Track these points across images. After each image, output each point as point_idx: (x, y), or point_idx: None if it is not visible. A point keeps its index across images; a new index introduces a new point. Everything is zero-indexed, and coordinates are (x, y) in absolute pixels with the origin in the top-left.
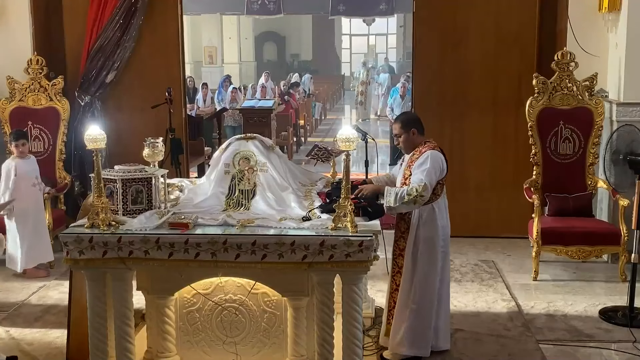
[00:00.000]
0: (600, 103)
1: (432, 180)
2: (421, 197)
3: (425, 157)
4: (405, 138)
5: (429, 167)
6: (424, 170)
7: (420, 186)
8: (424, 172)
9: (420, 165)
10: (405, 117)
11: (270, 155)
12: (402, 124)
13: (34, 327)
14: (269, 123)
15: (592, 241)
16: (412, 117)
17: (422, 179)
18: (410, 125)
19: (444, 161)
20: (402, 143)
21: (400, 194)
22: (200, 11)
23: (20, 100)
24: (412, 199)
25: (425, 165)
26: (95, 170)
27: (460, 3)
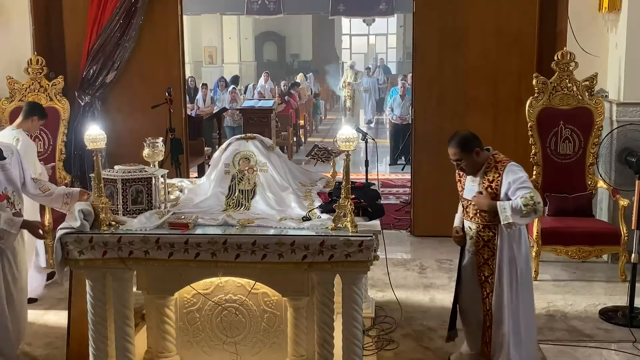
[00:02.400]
0: (600, 103)
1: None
2: (539, 203)
3: (513, 170)
4: (470, 161)
5: (523, 176)
6: (522, 181)
7: (532, 193)
8: (524, 183)
9: (516, 179)
10: (462, 138)
11: (270, 155)
12: (462, 147)
13: (34, 327)
14: (269, 123)
15: (592, 241)
16: (469, 136)
17: (527, 188)
18: (471, 145)
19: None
20: (467, 168)
21: (515, 207)
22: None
23: (20, 100)
24: (531, 207)
25: (520, 178)
26: (95, 170)
27: (460, 3)
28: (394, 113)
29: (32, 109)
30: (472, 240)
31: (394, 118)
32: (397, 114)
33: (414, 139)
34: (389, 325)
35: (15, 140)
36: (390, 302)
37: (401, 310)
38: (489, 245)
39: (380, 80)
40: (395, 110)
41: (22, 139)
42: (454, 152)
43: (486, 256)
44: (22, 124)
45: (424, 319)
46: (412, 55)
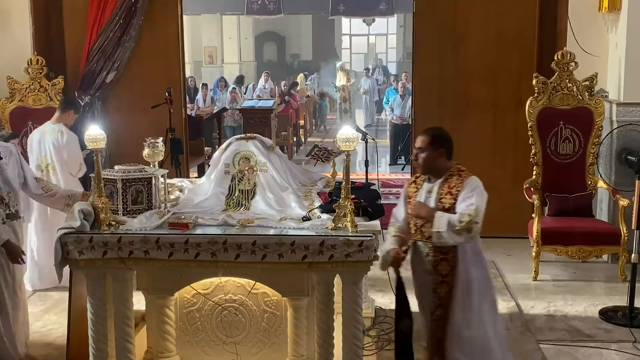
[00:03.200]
0: (600, 103)
1: (483, 206)
2: (475, 223)
3: (474, 183)
4: (429, 156)
5: (478, 193)
6: (478, 192)
7: (473, 210)
8: (474, 197)
9: (471, 191)
10: (438, 132)
11: (270, 155)
12: (433, 139)
13: (34, 327)
14: (269, 123)
15: (592, 241)
16: (446, 136)
17: (473, 203)
18: (442, 144)
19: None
20: (423, 160)
21: (451, 220)
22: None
23: (20, 100)
24: (465, 226)
25: (475, 192)
26: (95, 170)
27: (460, 3)
28: (394, 113)
29: (67, 103)
30: (429, 258)
31: (394, 118)
32: (397, 114)
33: (414, 139)
34: (389, 325)
35: (60, 133)
36: (390, 302)
37: None
38: (448, 259)
39: (379, 81)
40: (396, 110)
41: (65, 132)
42: (422, 140)
43: (444, 273)
44: (60, 118)
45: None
46: (412, 55)
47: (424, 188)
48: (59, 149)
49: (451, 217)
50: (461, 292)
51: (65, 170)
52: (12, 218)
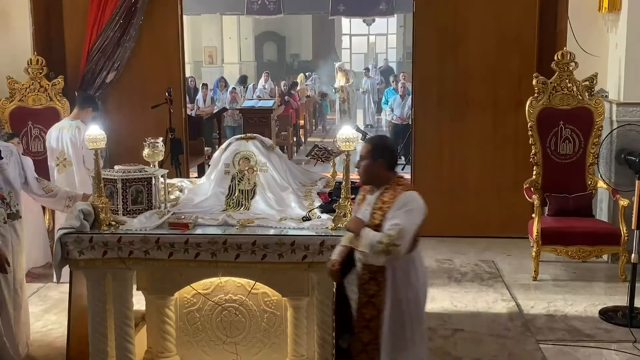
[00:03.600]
0: (600, 103)
1: (411, 227)
2: (394, 246)
3: (404, 200)
4: (368, 165)
5: (407, 211)
6: (400, 215)
7: (395, 231)
8: (402, 216)
9: (399, 209)
10: (379, 141)
11: (270, 155)
12: (372, 148)
13: (34, 327)
14: (269, 123)
15: (592, 241)
16: (387, 146)
17: (398, 223)
18: (381, 153)
19: (423, 203)
20: (362, 169)
21: (372, 239)
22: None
23: (20, 100)
24: (383, 248)
25: (403, 210)
26: (95, 170)
27: (460, 3)
28: (394, 113)
29: (85, 100)
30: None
31: (394, 118)
32: (397, 114)
33: (414, 139)
34: None
35: (77, 129)
36: None
37: None
38: (376, 278)
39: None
40: (395, 110)
41: (83, 128)
42: (363, 148)
43: (370, 293)
44: (78, 114)
45: None
46: (412, 55)
47: (367, 199)
48: (76, 145)
49: (374, 237)
50: (390, 317)
51: (82, 166)
52: (13, 218)
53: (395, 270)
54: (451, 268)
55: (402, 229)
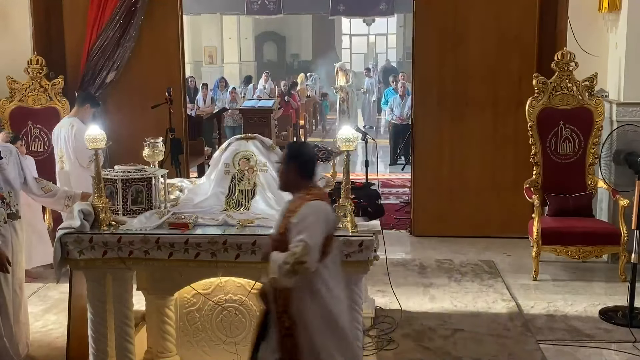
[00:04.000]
0: (600, 103)
1: (315, 240)
2: (301, 264)
3: (306, 211)
4: (282, 170)
5: (309, 225)
6: (302, 228)
7: (299, 248)
8: (304, 231)
9: (298, 223)
10: (295, 146)
11: (270, 155)
12: (287, 153)
13: (34, 327)
14: (269, 123)
15: (592, 241)
16: (302, 152)
17: (302, 239)
18: (294, 158)
19: (331, 213)
20: (278, 174)
21: (280, 264)
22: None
23: (20, 100)
24: (290, 268)
25: (305, 222)
26: (95, 170)
27: (460, 3)
28: (394, 113)
29: (84, 98)
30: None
31: (394, 118)
32: (397, 114)
33: (414, 139)
34: (389, 325)
35: (71, 126)
36: (390, 302)
37: (401, 310)
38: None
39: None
40: (395, 110)
41: (76, 125)
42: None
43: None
44: (77, 112)
45: (424, 319)
46: (412, 55)
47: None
48: (68, 141)
49: (279, 259)
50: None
51: (77, 163)
52: (13, 218)
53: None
54: (451, 268)
55: (306, 245)
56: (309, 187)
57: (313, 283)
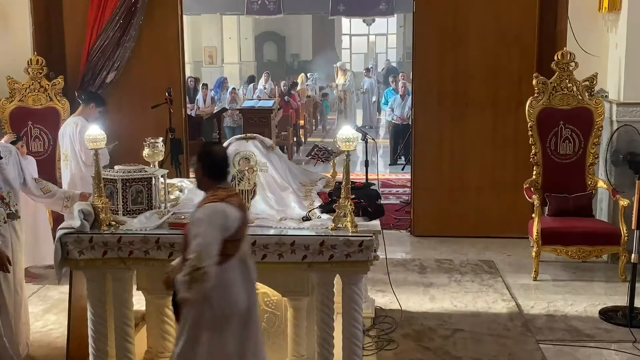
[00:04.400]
0: (600, 103)
1: (209, 245)
2: (198, 270)
3: (199, 215)
4: (195, 172)
5: (202, 229)
6: (196, 233)
7: (194, 255)
8: (197, 236)
9: (193, 227)
10: (203, 148)
11: (270, 155)
12: (197, 155)
13: (34, 327)
14: (269, 123)
15: (592, 241)
16: (208, 152)
17: (195, 247)
18: (201, 160)
19: (231, 215)
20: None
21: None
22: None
23: (20, 100)
24: (190, 278)
25: (198, 226)
26: (95, 170)
27: (460, 3)
28: (395, 113)
29: (89, 97)
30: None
31: (394, 118)
32: (397, 114)
33: (414, 139)
34: (389, 325)
35: (75, 125)
36: (390, 302)
37: (401, 310)
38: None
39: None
40: (396, 110)
41: (80, 123)
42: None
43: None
44: (82, 111)
45: (424, 319)
46: (412, 55)
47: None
48: (74, 140)
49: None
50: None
51: (80, 162)
52: (13, 218)
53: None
54: (451, 268)
55: (200, 252)
56: (216, 188)
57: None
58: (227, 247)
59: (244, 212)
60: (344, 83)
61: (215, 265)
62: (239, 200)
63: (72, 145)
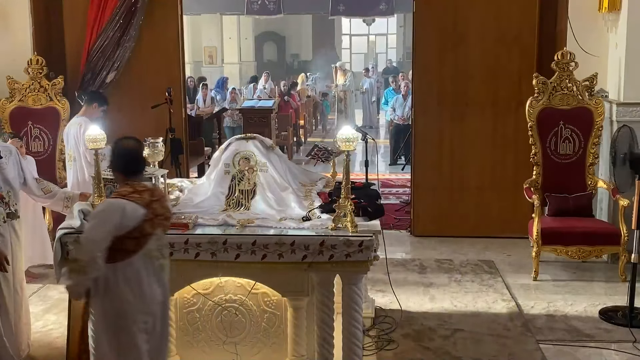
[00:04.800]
0: (600, 103)
1: (93, 240)
2: (76, 262)
3: (97, 209)
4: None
5: (91, 224)
6: (88, 226)
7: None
8: (87, 229)
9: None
10: (114, 144)
11: (270, 155)
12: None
13: (34, 327)
14: (269, 123)
15: (592, 241)
16: (118, 147)
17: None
18: (113, 158)
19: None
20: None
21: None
22: (200, 11)
23: (20, 100)
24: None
25: (92, 219)
26: (95, 170)
27: (460, 3)
28: (396, 113)
29: (91, 97)
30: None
31: (396, 118)
32: (398, 114)
33: (414, 139)
34: (389, 325)
35: (79, 126)
36: (390, 302)
37: (401, 310)
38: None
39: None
40: (397, 110)
41: (84, 124)
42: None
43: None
44: (85, 111)
45: (424, 319)
46: (412, 55)
47: None
48: (78, 141)
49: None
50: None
51: (85, 163)
52: (12, 217)
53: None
54: (451, 268)
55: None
56: (124, 184)
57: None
58: (126, 244)
59: (149, 209)
60: (344, 83)
61: (98, 260)
62: (146, 198)
63: (77, 146)
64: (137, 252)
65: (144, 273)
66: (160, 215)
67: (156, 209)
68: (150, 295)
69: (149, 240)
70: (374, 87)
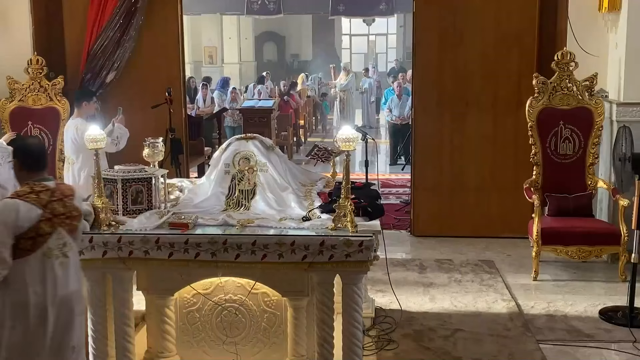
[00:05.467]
0: (600, 103)
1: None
2: None
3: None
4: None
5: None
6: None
7: None
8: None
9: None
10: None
11: (270, 155)
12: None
13: None
14: (269, 123)
15: (592, 241)
16: (22, 146)
17: None
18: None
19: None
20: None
21: None
22: (200, 11)
23: (20, 100)
24: None
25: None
26: (96, 170)
27: (460, 3)
28: (393, 114)
29: (77, 97)
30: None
31: (393, 119)
32: (395, 115)
33: (414, 139)
34: (389, 325)
35: (75, 128)
36: (390, 302)
37: (401, 310)
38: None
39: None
40: (394, 110)
41: (80, 126)
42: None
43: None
44: (78, 112)
45: (424, 319)
46: (412, 55)
47: None
48: (77, 144)
49: None
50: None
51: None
52: None
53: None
54: (451, 268)
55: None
56: (25, 183)
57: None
58: (21, 243)
59: (46, 209)
60: (342, 83)
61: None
62: (43, 198)
63: (77, 148)
64: (34, 251)
65: (35, 272)
66: (61, 214)
67: (55, 208)
68: (52, 292)
69: (47, 239)
70: (374, 87)
